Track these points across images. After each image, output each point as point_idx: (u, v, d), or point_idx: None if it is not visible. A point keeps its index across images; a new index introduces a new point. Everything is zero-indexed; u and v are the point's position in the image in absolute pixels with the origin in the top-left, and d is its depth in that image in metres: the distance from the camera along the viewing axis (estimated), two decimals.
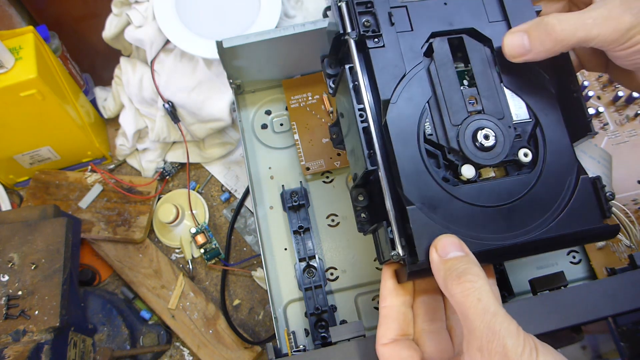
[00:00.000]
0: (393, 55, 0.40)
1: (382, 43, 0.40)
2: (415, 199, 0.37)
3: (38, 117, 0.66)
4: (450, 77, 0.40)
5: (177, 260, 0.74)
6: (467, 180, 0.39)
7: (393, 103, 0.39)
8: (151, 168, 0.77)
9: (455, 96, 0.40)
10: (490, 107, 0.40)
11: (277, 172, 0.59)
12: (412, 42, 0.41)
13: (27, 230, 0.56)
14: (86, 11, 0.77)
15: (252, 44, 0.54)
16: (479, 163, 0.39)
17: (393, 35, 0.41)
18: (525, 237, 0.38)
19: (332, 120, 0.60)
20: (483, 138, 0.39)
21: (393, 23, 0.41)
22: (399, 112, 0.39)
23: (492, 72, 0.41)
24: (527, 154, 0.40)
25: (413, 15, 0.42)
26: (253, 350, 0.67)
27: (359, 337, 0.45)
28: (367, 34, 0.40)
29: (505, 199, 0.38)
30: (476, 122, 0.39)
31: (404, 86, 0.40)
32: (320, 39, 0.57)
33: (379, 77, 0.40)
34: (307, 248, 0.54)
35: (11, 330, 0.52)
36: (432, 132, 0.40)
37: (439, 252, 0.34)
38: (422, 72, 0.40)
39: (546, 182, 0.39)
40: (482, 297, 0.31)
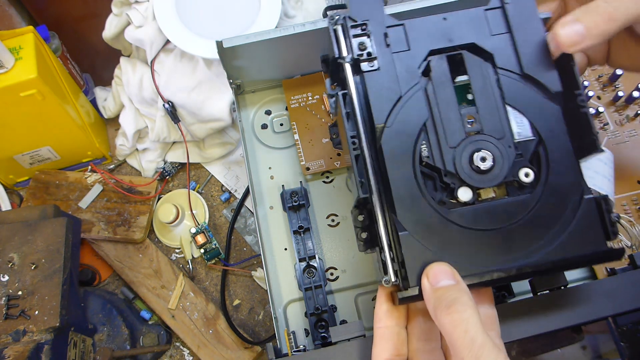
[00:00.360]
0: (388, 78, 0.39)
1: (376, 66, 0.39)
2: (409, 224, 0.36)
3: (38, 117, 0.66)
4: (448, 97, 0.39)
5: (177, 260, 0.74)
6: (465, 203, 0.38)
7: (388, 127, 0.38)
8: (151, 168, 0.77)
9: (452, 117, 0.39)
10: (490, 127, 0.39)
11: (277, 172, 0.59)
12: (409, 62, 0.40)
13: (27, 230, 0.56)
14: (86, 11, 0.77)
15: (252, 44, 0.54)
16: (476, 186, 0.38)
17: (388, 57, 0.40)
18: (525, 260, 0.36)
19: (332, 120, 0.60)
20: (480, 160, 0.38)
21: (388, 45, 0.40)
22: (394, 136, 0.38)
23: (493, 88, 0.40)
24: (528, 174, 0.38)
25: (410, 34, 0.40)
26: (253, 350, 0.67)
27: (359, 337, 0.45)
28: (361, 58, 0.39)
29: (503, 221, 0.37)
30: (473, 143, 0.38)
31: (400, 109, 0.39)
32: (320, 39, 0.57)
33: (374, 101, 0.39)
34: (307, 248, 0.54)
35: (11, 330, 0.52)
36: (429, 155, 0.39)
37: (430, 281, 0.35)
38: (419, 94, 0.39)
39: (547, 202, 0.38)
40: (470, 328, 0.32)
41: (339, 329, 0.46)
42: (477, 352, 0.31)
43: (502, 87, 0.40)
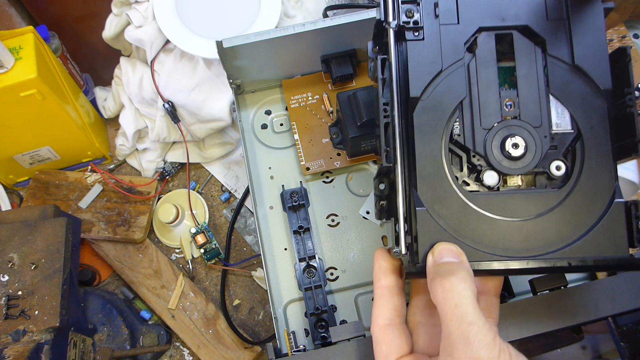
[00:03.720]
0: (431, 50, 0.38)
1: (422, 36, 0.38)
2: (427, 201, 0.36)
3: (38, 117, 0.66)
4: (490, 77, 0.38)
5: (177, 260, 0.74)
6: (489, 187, 0.37)
7: (423, 100, 0.37)
8: (151, 168, 0.77)
9: (491, 98, 0.38)
10: (528, 113, 0.38)
11: (277, 172, 0.59)
12: (456, 36, 0.38)
13: (27, 230, 0.56)
14: (86, 11, 0.77)
15: (252, 44, 0.54)
16: (504, 172, 0.37)
17: (435, 28, 0.38)
18: (541, 255, 0.36)
19: (332, 120, 0.60)
20: (511, 146, 0.37)
21: (437, 15, 0.38)
22: (428, 110, 0.37)
23: (538, 75, 0.38)
24: (559, 167, 0.37)
25: (462, 6, 0.38)
26: (253, 350, 0.67)
27: (358, 337, 0.45)
28: (407, 26, 0.38)
29: (526, 213, 0.36)
30: (507, 128, 0.37)
31: (438, 84, 0.37)
32: (320, 39, 0.57)
33: (413, 71, 0.37)
34: (307, 248, 0.54)
35: (11, 330, 0.52)
36: (460, 133, 0.38)
37: (434, 257, 0.34)
38: (460, 71, 0.38)
39: (575, 200, 0.36)
40: (461, 303, 0.31)
41: (339, 329, 0.46)
42: (465, 329, 0.30)
43: (548, 75, 0.38)
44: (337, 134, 0.58)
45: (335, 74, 0.59)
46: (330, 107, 0.60)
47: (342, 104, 0.55)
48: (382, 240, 0.55)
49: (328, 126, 0.59)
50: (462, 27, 0.38)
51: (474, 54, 0.38)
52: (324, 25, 0.55)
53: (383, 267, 0.38)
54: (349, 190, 0.58)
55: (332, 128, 0.59)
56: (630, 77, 0.38)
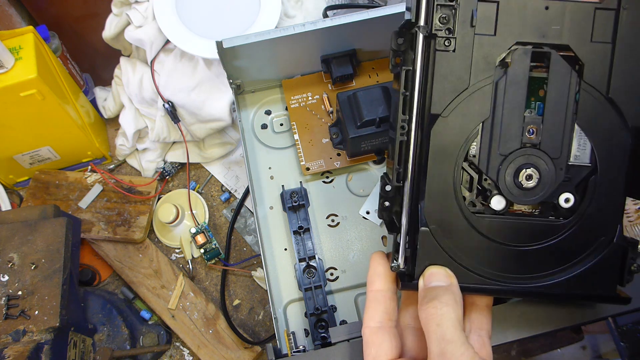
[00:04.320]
0: (460, 64, 0.36)
1: (453, 47, 0.36)
2: (432, 220, 0.36)
3: (38, 117, 0.66)
4: (518, 100, 0.36)
5: (177, 260, 0.74)
6: (494, 211, 0.37)
7: (443, 117, 0.36)
8: (151, 168, 0.77)
9: (514, 122, 0.36)
10: (548, 143, 0.36)
11: (277, 172, 0.59)
12: (490, 50, 0.36)
13: (27, 230, 0.56)
14: (86, 11, 0.77)
15: (252, 44, 0.54)
16: (512, 200, 0.37)
17: (469, 38, 0.36)
18: (530, 284, 0.36)
19: (332, 120, 0.60)
20: (525, 178, 0.36)
21: (474, 25, 0.36)
22: (446, 129, 0.36)
23: (568, 103, 0.36)
24: (568, 200, 0.37)
25: (502, 16, 0.36)
26: (253, 350, 0.67)
27: (358, 338, 0.45)
28: (438, 34, 0.35)
29: (528, 240, 0.37)
30: (525, 157, 0.36)
31: (461, 101, 0.36)
32: (320, 39, 0.57)
33: (437, 85, 0.36)
34: (307, 248, 0.54)
35: (11, 330, 0.52)
36: (476, 154, 0.37)
37: (425, 280, 0.36)
38: (488, 88, 0.36)
39: (577, 234, 0.36)
40: (442, 323, 0.33)
41: (339, 329, 0.46)
42: (444, 347, 0.32)
43: (578, 103, 0.36)
44: (337, 134, 0.58)
45: (335, 74, 0.59)
46: (330, 107, 0.60)
47: (342, 104, 0.55)
48: (382, 240, 0.55)
49: (328, 126, 0.59)
50: (498, 40, 0.36)
51: (505, 71, 0.36)
52: (324, 25, 0.55)
53: (378, 271, 0.39)
54: (349, 190, 0.58)
55: (332, 128, 0.59)
56: None
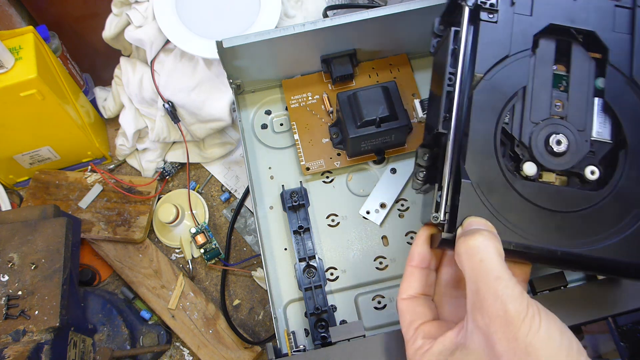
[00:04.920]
0: (502, 34, 0.40)
1: (495, 19, 0.40)
2: (473, 176, 0.37)
3: (38, 117, 0.66)
4: (546, 76, 0.40)
5: (177, 260, 0.74)
6: (526, 177, 0.39)
7: (486, 80, 0.39)
8: (151, 168, 0.77)
9: (543, 95, 0.40)
10: (574, 116, 0.40)
11: (277, 172, 0.59)
12: (527, 27, 0.40)
13: (27, 230, 0.56)
14: (86, 11, 0.77)
15: (252, 44, 0.54)
16: (543, 165, 0.39)
17: (509, 15, 0.40)
18: (571, 249, 0.37)
19: (332, 120, 0.60)
20: (555, 143, 0.39)
21: (514, 3, 0.40)
22: (488, 90, 0.39)
23: (589, 85, 0.40)
24: (593, 172, 0.39)
25: (537, 1, 0.41)
26: (253, 350, 0.67)
27: (358, 337, 0.45)
28: (483, 6, 0.40)
29: (564, 206, 0.38)
30: (554, 125, 0.39)
31: (503, 67, 0.39)
32: (320, 39, 0.57)
33: (481, 50, 0.39)
34: (307, 248, 0.54)
35: (11, 330, 0.52)
36: (509, 122, 0.40)
37: (464, 227, 0.35)
38: (525, 60, 0.40)
39: (611, 204, 0.38)
40: (485, 258, 0.32)
41: (339, 329, 0.46)
42: (492, 283, 0.31)
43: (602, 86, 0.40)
44: (337, 134, 0.58)
45: (335, 74, 0.59)
46: (330, 107, 0.60)
47: (342, 104, 0.55)
48: (382, 240, 0.55)
49: (328, 126, 0.59)
50: (534, 20, 0.40)
51: (534, 53, 0.41)
52: (324, 25, 0.55)
53: (419, 250, 0.39)
54: (349, 190, 0.58)
55: (332, 128, 0.59)
56: None
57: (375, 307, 0.53)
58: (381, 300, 0.53)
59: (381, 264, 0.54)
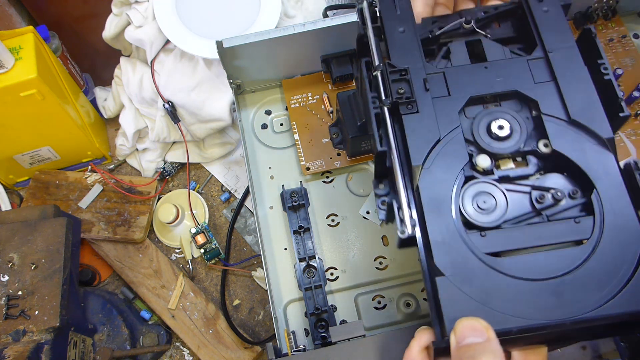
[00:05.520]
0: (427, 121, 0.39)
1: (415, 109, 0.39)
2: (447, 269, 0.35)
3: (38, 117, 0.66)
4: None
5: (177, 260, 0.74)
6: (484, 171, 0.38)
7: (426, 169, 0.38)
8: (151, 168, 0.77)
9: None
10: (507, 103, 0.41)
11: (277, 172, 0.59)
12: (449, 106, 0.40)
13: (27, 230, 0.56)
14: (86, 11, 0.77)
15: (252, 44, 0.54)
16: (494, 153, 0.39)
17: (428, 101, 0.40)
18: (579, 314, 0.33)
19: (332, 120, 0.60)
20: (497, 128, 0.39)
21: (428, 89, 0.40)
22: (432, 179, 0.38)
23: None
24: (546, 145, 0.39)
25: (450, 81, 0.41)
26: (253, 350, 0.67)
27: (358, 337, 0.45)
28: (400, 101, 0.39)
29: (553, 271, 0.35)
30: (490, 114, 0.40)
31: (439, 151, 0.38)
32: (320, 39, 0.57)
33: (411, 141, 0.38)
34: (307, 248, 0.54)
35: (11, 330, 0.52)
36: None
37: (457, 337, 0.32)
38: (459, 137, 0.39)
39: (603, 252, 0.35)
40: None
41: (339, 328, 0.46)
42: None
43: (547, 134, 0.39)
44: (337, 134, 0.58)
45: (335, 74, 0.59)
46: (330, 107, 0.60)
47: (342, 104, 0.55)
48: (382, 240, 0.55)
49: (328, 126, 0.59)
50: (453, 98, 0.40)
51: (449, 60, 0.43)
52: (324, 25, 0.55)
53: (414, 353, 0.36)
54: (349, 190, 0.58)
55: (332, 128, 0.59)
56: (599, 49, 0.41)
57: (375, 307, 0.53)
58: (381, 300, 0.53)
59: (381, 264, 0.54)
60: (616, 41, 0.63)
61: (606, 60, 0.40)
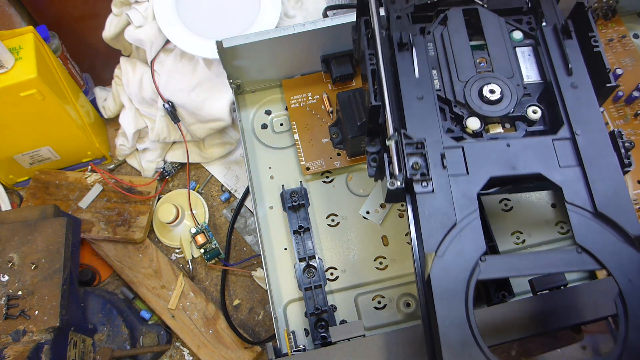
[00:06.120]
0: (443, 202, 0.36)
1: (430, 187, 0.36)
2: None
3: (38, 117, 0.66)
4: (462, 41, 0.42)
5: (177, 260, 0.74)
6: (474, 133, 0.39)
7: (439, 257, 0.35)
8: (151, 168, 0.77)
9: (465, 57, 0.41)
10: (500, 67, 0.41)
11: (277, 172, 0.59)
12: (467, 187, 0.37)
13: (27, 230, 0.56)
14: (86, 11, 0.77)
15: (252, 44, 0.54)
16: (484, 116, 0.39)
17: (444, 179, 0.37)
18: None
19: (332, 120, 0.60)
20: (488, 92, 0.40)
21: (445, 166, 0.37)
22: (445, 268, 0.34)
23: (504, 37, 0.42)
24: (535, 111, 0.40)
25: (470, 157, 0.38)
26: (253, 350, 0.67)
27: (358, 337, 0.45)
28: (414, 178, 0.37)
29: None
30: (483, 79, 0.40)
31: (454, 237, 0.35)
32: (320, 39, 0.57)
33: (425, 225, 0.35)
34: (307, 248, 0.54)
35: (11, 330, 0.52)
36: (440, 88, 0.40)
37: None
38: (477, 222, 0.36)
39: None
40: None
41: (339, 328, 0.46)
42: None
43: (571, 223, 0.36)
44: (337, 134, 0.58)
45: (335, 74, 0.59)
46: (330, 107, 0.60)
47: (342, 104, 0.55)
48: (382, 240, 0.55)
49: (328, 126, 0.59)
50: (472, 178, 0.37)
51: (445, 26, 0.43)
52: (324, 25, 0.55)
53: None
54: (349, 190, 0.58)
55: (332, 128, 0.59)
56: (591, 23, 0.41)
57: (375, 307, 0.53)
58: (381, 300, 0.53)
59: (381, 264, 0.54)
60: (616, 41, 0.63)
61: (597, 33, 0.41)
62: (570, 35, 0.42)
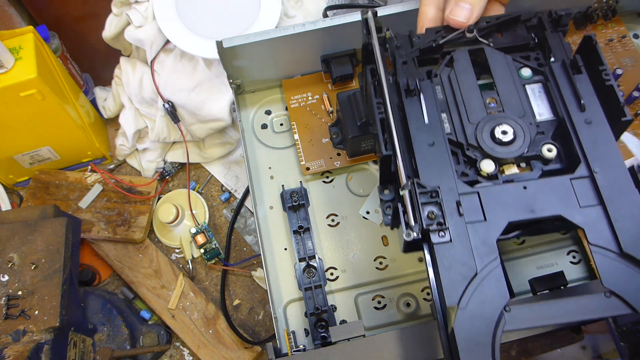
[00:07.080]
0: (462, 252, 0.35)
1: (448, 237, 0.36)
2: None
3: (38, 117, 0.66)
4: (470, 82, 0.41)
5: (177, 260, 0.74)
6: (488, 176, 0.38)
7: (462, 309, 0.34)
8: (151, 168, 0.77)
9: (474, 99, 0.41)
10: (510, 107, 0.41)
11: (277, 172, 0.59)
12: (485, 234, 0.36)
13: (27, 230, 0.56)
14: (86, 11, 0.77)
15: (252, 44, 0.54)
16: (498, 158, 0.38)
17: (462, 227, 0.36)
18: None
19: (332, 120, 0.60)
20: (501, 133, 0.39)
21: (462, 214, 0.36)
22: (469, 319, 0.34)
23: (512, 75, 0.42)
24: (550, 149, 0.39)
25: (486, 202, 0.37)
26: (253, 350, 0.67)
27: (358, 337, 0.45)
28: (431, 228, 0.36)
29: None
30: (494, 120, 0.40)
31: (475, 288, 0.34)
32: (320, 39, 0.57)
33: (445, 277, 0.35)
34: (307, 248, 0.54)
35: (11, 330, 0.52)
36: (452, 132, 0.40)
37: None
38: (498, 270, 0.35)
39: None
40: None
41: (339, 328, 0.46)
42: None
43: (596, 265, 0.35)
44: (337, 134, 0.58)
45: (335, 74, 0.59)
46: (330, 107, 0.60)
47: (342, 104, 0.55)
48: (382, 240, 0.55)
49: (328, 126, 0.59)
50: (490, 224, 0.36)
51: (452, 67, 0.42)
52: (324, 25, 0.55)
53: None
54: (349, 190, 0.58)
55: (332, 128, 0.59)
56: (601, 56, 0.40)
57: (375, 307, 0.53)
58: (381, 300, 0.53)
59: (381, 264, 0.54)
60: (616, 41, 0.63)
61: (607, 67, 0.40)
62: (580, 70, 0.40)
